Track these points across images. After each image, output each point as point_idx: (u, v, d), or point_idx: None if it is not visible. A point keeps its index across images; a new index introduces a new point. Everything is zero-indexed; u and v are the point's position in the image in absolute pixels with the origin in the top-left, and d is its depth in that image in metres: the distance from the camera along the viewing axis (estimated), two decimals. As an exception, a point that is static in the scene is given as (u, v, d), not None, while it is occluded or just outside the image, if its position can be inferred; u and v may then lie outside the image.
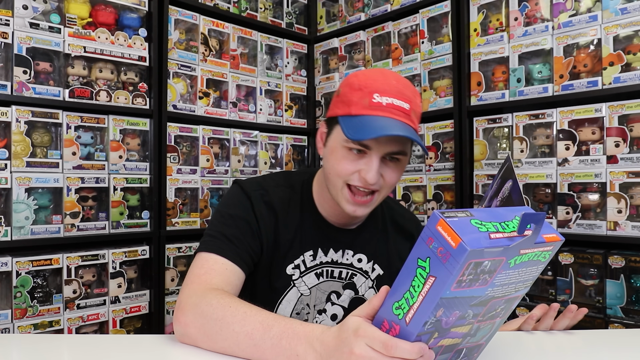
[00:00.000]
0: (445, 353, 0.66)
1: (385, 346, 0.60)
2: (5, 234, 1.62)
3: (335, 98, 1.00)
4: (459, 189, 1.96)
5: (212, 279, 0.92)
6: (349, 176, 0.96)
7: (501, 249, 0.55)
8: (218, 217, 1.04)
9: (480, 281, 0.57)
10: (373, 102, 0.93)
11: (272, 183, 1.09)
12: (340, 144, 0.96)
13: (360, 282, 1.11)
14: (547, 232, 0.61)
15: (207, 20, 2.15)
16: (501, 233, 0.57)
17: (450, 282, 0.55)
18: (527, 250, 0.58)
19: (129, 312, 1.89)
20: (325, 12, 2.59)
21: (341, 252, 1.10)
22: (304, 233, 1.07)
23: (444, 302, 0.57)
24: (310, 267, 1.08)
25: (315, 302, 1.08)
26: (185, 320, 0.84)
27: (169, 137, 2.02)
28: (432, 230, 0.57)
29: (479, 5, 1.94)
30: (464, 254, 0.53)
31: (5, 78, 1.65)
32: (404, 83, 0.98)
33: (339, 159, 0.96)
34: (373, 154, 0.94)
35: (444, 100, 2.04)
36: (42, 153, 1.72)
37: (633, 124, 1.59)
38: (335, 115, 0.97)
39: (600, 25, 1.64)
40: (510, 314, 0.71)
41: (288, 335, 0.73)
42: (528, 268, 0.61)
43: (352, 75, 1.00)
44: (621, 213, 1.58)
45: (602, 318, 1.60)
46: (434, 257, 0.57)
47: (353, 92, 0.95)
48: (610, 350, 0.88)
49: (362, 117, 0.93)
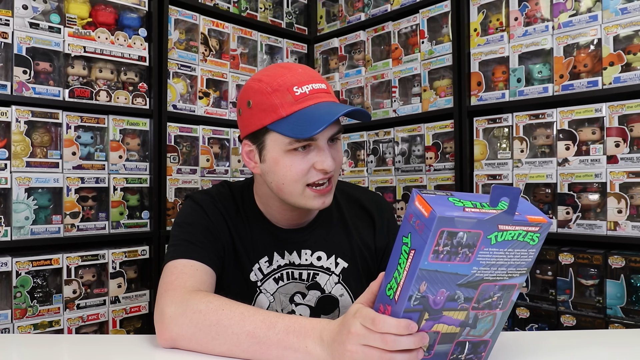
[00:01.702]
0: (445, 343, 0.67)
1: (373, 322, 0.64)
2: (5, 234, 1.62)
3: (249, 111, 0.96)
4: (459, 189, 1.96)
5: (186, 282, 0.90)
6: (305, 176, 0.94)
7: (474, 220, 0.58)
8: (177, 228, 1.03)
9: (461, 255, 0.60)
10: (297, 96, 0.91)
11: (219, 192, 1.09)
12: (283, 150, 0.93)
13: (324, 281, 1.08)
14: (532, 214, 0.62)
15: (207, 20, 2.15)
16: (477, 209, 0.59)
17: (427, 251, 0.58)
18: (506, 226, 0.60)
19: (129, 312, 1.89)
20: (325, 12, 2.59)
21: (297, 254, 1.08)
22: (255, 240, 1.06)
23: (425, 275, 0.60)
24: (267, 274, 1.06)
25: (282, 307, 1.07)
26: (170, 334, 0.82)
27: (169, 137, 2.02)
28: (411, 207, 0.62)
29: (479, 5, 1.94)
30: (434, 220, 0.56)
31: (5, 78, 1.65)
32: (306, 67, 0.98)
33: (288, 166, 0.94)
34: (320, 143, 0.94)
35: (444, 100, 2.04)
36: (42, 153, 1.72)
37: (633, 124, 1.59)
38: (262, 126, 0.94)
39: (600, 25, 1.64)
40: (509, 314, 0.71)
41: (295, 330, 0.74)
42: (515, 250, 0.62)
43: (254, 82, 0.97)
44: (621, 213, 1.58)
45: (602, 318, 1.60)
46: (413, 231, 0.61)
47: (269, 96, 0.92)
48: (610, 350, 0.88)
49: (296, 113, 0.91)
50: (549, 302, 1.71)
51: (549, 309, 1.71)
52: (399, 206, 2.18)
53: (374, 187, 2.27)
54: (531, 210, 0.64)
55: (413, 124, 2.15)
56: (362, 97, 2.36)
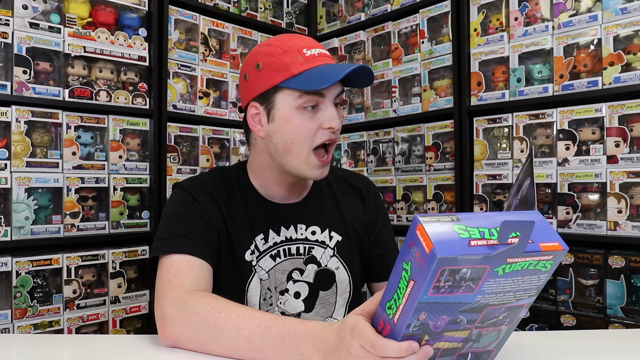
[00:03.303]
0: (446, 356, 0.65)
1: (373, 346, 0.61)
2: (5, 234, 1.62)
3: (258, 73, 0.99)
4: (459, 189, 1.96)
5: (184, 281, 0.90)
6: (314, 137, 0.97)
7: (480, 257, 0.53)
8: (165, 219, 1.02)
9: (464, 288, 0.56)
10: (307, 57, 0.96)
11: (208, 177, 1.10)
12: (293, 108, 0.96)
13: (320, 254, 1.09)
14: (547, 241, 0.57)
15: (207, 20, 2.15)
16: (485, 240, 0.55)
17: (426, 287, 0.54)
18: (515, 259, 0.55)
19: (129, 312, 1.89)
20: (325, 12, 2.59)
21: (293, 228, 1.08)
22: (250, 218, 1.06)
23: (424, 307, 0.56)
24: (263, 251, 1.06)
25: (276, 284, 1.06)
26: (171, 334, 0.83)
27: (169, 137, 2.02)
28: (412, 234, 0.57)
29: (479, 5, 1.94)
30: (434, 260, 0.52)
31: (5, 78, 1.64)
32: (309, 38, 1.04)
33: (298, 125, 0.97)
34: (327, 100, 0.97)
35: (444, 100, 2.04)
36: (42, 153, 1.72)
37: (633, 124, 1.59)
38: (273, 85, 0.96)
39: (600, 25, 1.64)
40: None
41: (290, 336, 0.73)
42: (525, 277, 0.58)
43: (262, 47, 1.01)
44: (621, 213, 1.58)
45: (602, 318, 1.60)
46: (413, 261, 0.56)
47: (280, 56, 0.96)
48: (610, 350, 0.88)
49: (307, 71, 0.95)
50: (549, 302, 1.71)
51: (549, 309, 1.71)
52: (399, 206, 2.18)
53: (374, 187, 2.26)
54: (546, 233, 0.58)
55: (413, 124, 2.15)
56: (362, 97, 2.36)
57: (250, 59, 1.02)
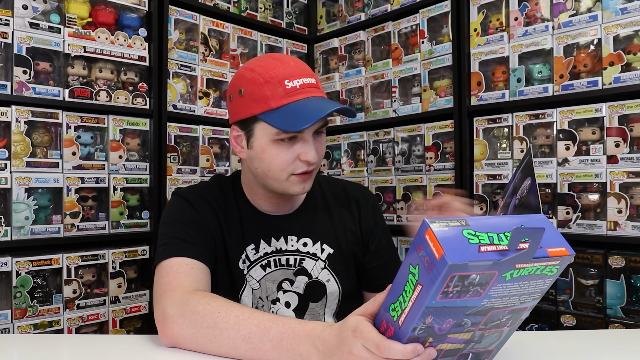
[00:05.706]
0: (448, 356, 0.66)
1: (378, 348, 0.61)
2: (5, 234, 1.62)
3: (240, 99, 0.99)
4: (459, 188, 1.96)
5: (184, 282, 0.90)
6: (290, 166, 0.98)
7: (490, 263, 0.53)
8: (164, 226, 1.04)
9: (472, 293, 0.56)
10: (288, 89, 0.95)
11: (205, 185, 1.12)
12: (270, 140, 0.97)
13: (311, 266, 1.10)
14: (554, 246, 0.58)
15: (207, 20, 2.15)
16: (494, 246, 0.55)
17: (434, 292, 0.54)
18: (524, 264, 0.56)
19: (129, 312, 1.89)
20: (325, 12, 2.59)
21: (284, 240, 1.09)
22: (243, 227, 1.08)
23: (432, 311, 0.56)
24: (254, 261, 1.07)
25: (267, 294, 1.07)
26: (172, 334, 0.83)
27: (169, 137, 2.02)
28: (421, 238, 0.56)
29: (479, 5, 1.94)
30: (444, 266, 0.52)
31: (5, 78, 1.64)
32: (297, 61, 1.01)
33: (274, 155, 0.97)
34: (305, 135, 0.97)
35: (444, 100, 2.04)
36: (42, 153, 1.72)
37: (633, 124, 1.59)
38: (252, 115, 0.97)
39: (600, 25, 1.64)
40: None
41: (288, 336, 0.73)
42: (531, 281, 0.59)
43: (247, 71, 1.00)
44: (621, 213, 1.58)
45: (602, 318, 1.60)
46: (421, 265, 0.56)
47: (261, 86, 0.96)
48: (610, 350, 0.88)
49: (286, 106, 0.94)
50: (549, 302, 1.71)
51: (549, 309, 1.71)
52: (399, 206, 2.18)
53: (374, 187, 2.26)
54: (553, 238, 0.59)
55: (413, 124, 2.15)
56: (362, 97, 2.36)
57: (235, 81, 1.02)
